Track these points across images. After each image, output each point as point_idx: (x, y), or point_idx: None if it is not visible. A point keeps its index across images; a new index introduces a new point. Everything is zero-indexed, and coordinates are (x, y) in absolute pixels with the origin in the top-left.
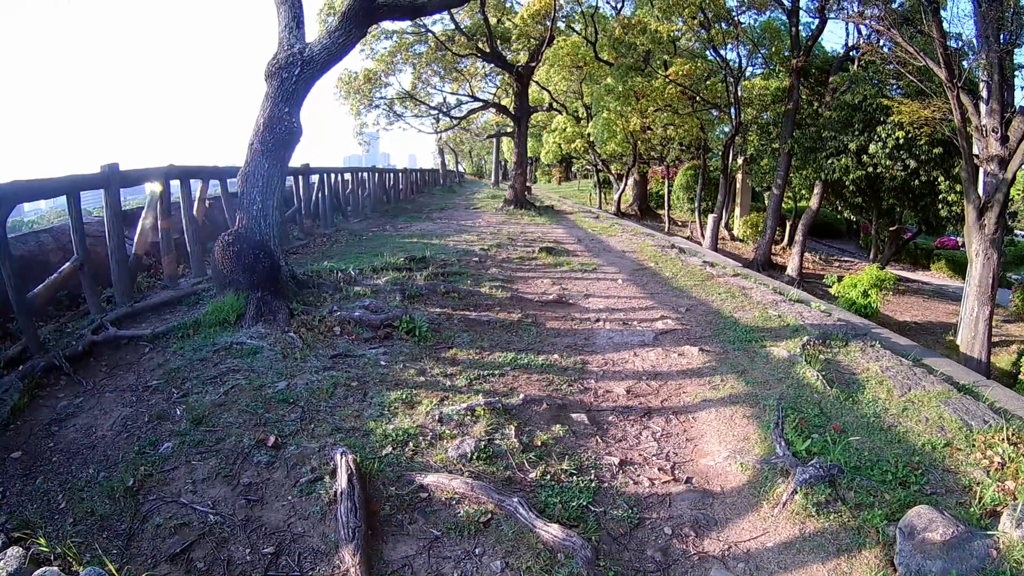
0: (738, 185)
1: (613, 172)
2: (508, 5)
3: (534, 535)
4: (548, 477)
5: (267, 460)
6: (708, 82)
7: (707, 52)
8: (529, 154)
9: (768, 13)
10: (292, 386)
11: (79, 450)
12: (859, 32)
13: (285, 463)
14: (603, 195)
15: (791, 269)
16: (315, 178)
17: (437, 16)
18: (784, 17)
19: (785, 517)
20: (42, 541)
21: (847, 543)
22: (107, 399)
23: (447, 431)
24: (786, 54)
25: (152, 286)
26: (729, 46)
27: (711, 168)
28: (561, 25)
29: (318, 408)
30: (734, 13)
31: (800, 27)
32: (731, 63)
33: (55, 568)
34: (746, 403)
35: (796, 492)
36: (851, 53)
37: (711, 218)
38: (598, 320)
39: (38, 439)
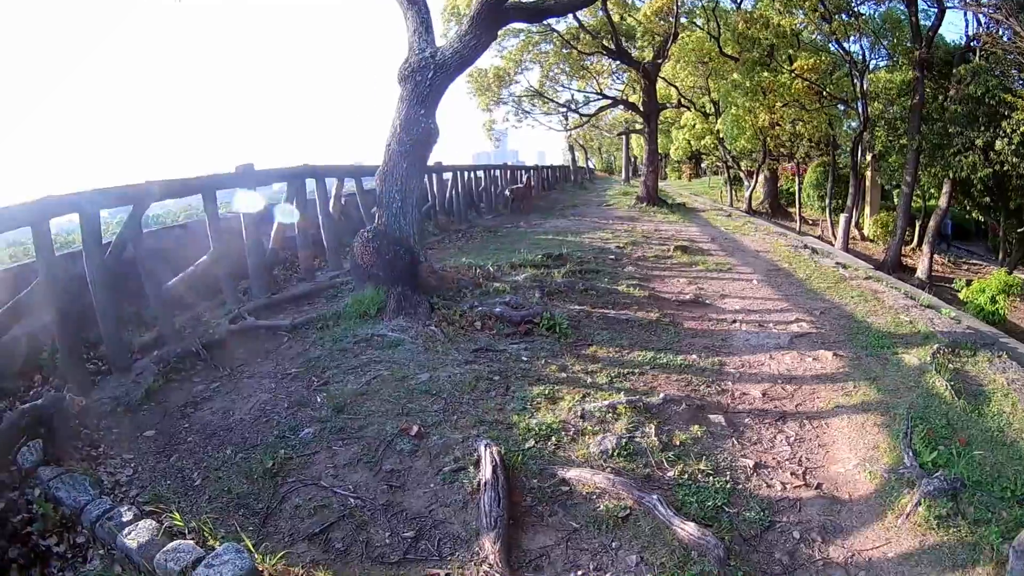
0: (867, 183)
1: (743, 169)
2: (630, 2)
3: (670, 532)
4: (686, 476)
5: (410, 449)
6: (834, 76)
7: (830, 45)
8: (659, 151)
9: (887, 3)
10: (435, 378)
11: (215, 432)
12: (978, 21)
13: (428, 452)
14: (733, 192)
15: (920, 272)
16: (448, 176)
17: (561, 16)
18: (903, 6)
19: (907, 528)
20: (176, 515)
21: (963, 559)
22: (245, 385)
23: (589, 427)
24: (908, 45)
25: (288, 279)
26: (852, 38)
27: (840, 165)
28: (684, 20)
29: (461, 400)
30: (853, 3)
31: (919, 16)
32: (854, 56)
33: (190, 542)
34: (877, 411)
35: (920, 504)
36: (972, 43)
37: (842, 218)
38: (734, 321)
39: (173, 420)
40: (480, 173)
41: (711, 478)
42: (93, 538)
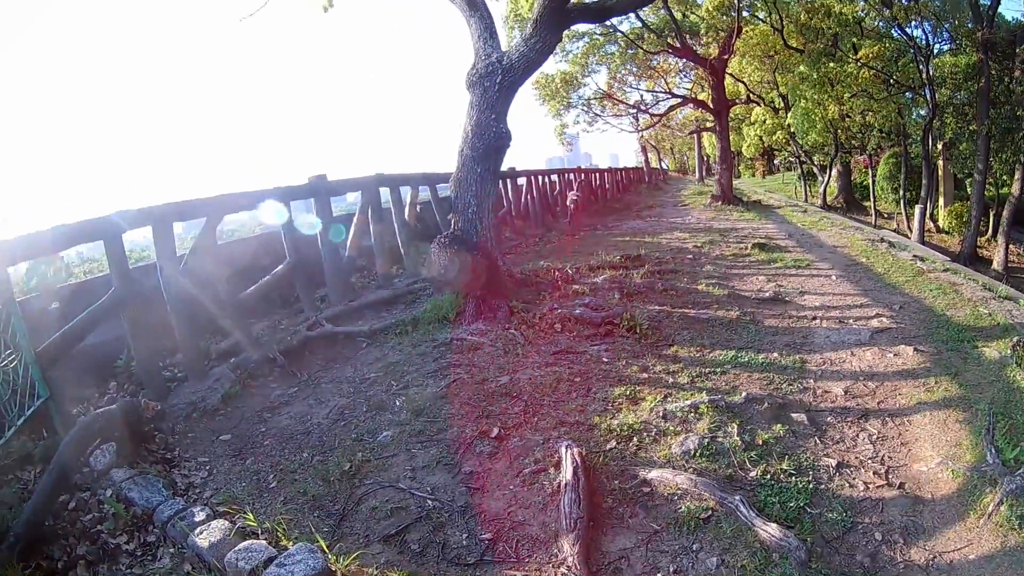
0: (940, 173)
1: (816, 163)
2: None
3: (752, 533)
4: (768, 476)
5: (489, 451)
6: (899, 63)
7: (893, 31)
8: (731, 148)
9: None
10: (515, 380)
11: (292, 435)
12: None
13: (508, 454)
14: (808, 187)
15: (997, 263)
16: (522, 180)
17: (623, 16)
18: None
19: (989, 529)
20: (250, 516)
21: None
22: (323, 390)
23: (671, 427)
24: (969, 26)
25: (366, 286)
26: (913, 22)
27: (912, 155)
28: (746, 14)
29: (541, 402)
30: None
31: None
32: (918, 40)
33: (262, 541)
34: (959, 407)
35: (1002, 503)
36: None
37: (917, 209)
38: (815, 318)
39: (249, 424)
40: (555, 177)
41: (793, 478)
42: (164, 537)
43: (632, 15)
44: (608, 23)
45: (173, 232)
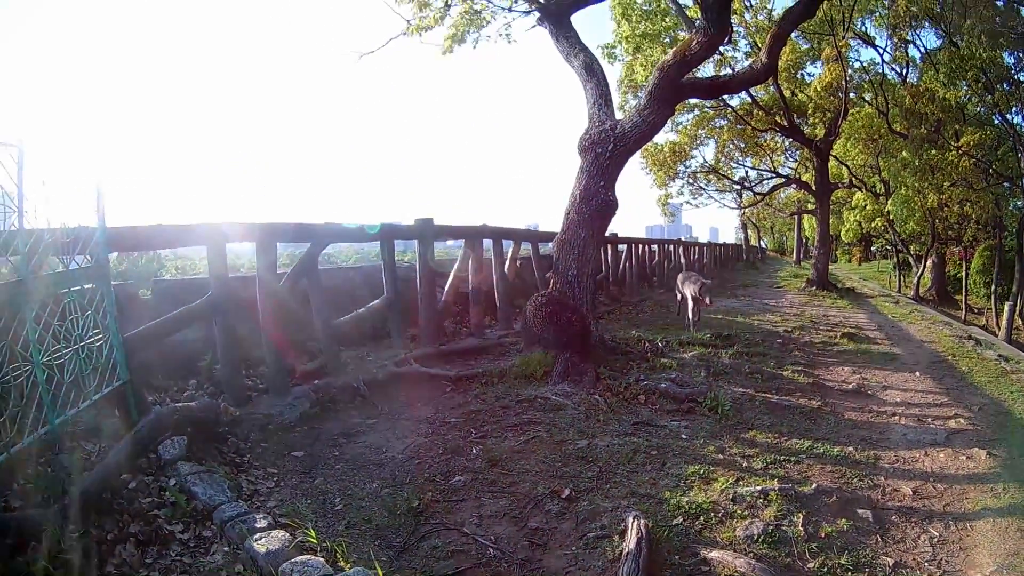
0: None
1: (912, 253)
2: (799, 77)
3: None
4: (825, 569)
5: (558, 510)
6: (999, 151)
7: (994, 118)
8: (830, 232)
9: None
10: (592, 446)
11: (365, 464)
12: None
13: (575, 516)
14: (902, 277)
15: None
16: (623, 247)
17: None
18: None
19: None
20: (311, 532)
21: None
22: (401, 426)
23: (738, 511)
24: None
25: (458, 332)
26: (1014, 109)
27: (1007, 248)
28: (852, 96)
29: (616, 470)
30: (1013, 71)
31: None
32: (1018, 128)
33: (320, 559)
34: (1021, 515)
35: None
36: None
37: (1007, 306)
38: (894, 414)
39: (324, 446)
40: (655, 247)
41: (849, 573)
42: (221, 535)
43: (744, 91)
44: (719, 98)
45: (276, 251)
